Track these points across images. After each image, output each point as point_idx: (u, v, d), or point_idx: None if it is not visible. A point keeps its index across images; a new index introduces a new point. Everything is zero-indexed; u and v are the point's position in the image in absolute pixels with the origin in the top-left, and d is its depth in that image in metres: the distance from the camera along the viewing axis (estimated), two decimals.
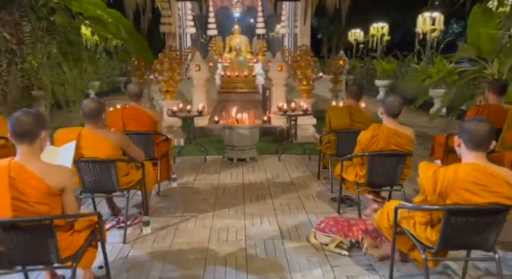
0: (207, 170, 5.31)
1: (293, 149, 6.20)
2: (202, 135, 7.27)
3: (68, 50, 5.69)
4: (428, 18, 11.21)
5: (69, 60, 5.70)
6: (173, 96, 6.88)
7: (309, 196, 4.29)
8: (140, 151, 3.34)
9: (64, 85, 5.74)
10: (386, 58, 14.78)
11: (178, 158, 5.86)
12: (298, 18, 11.85)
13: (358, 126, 4.22)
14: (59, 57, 5.58)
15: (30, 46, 5.37)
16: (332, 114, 4.31)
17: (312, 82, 7.09)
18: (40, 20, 5.35)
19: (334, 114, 4.29)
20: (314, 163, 5.57)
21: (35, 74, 5.54)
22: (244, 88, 11.64)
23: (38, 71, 5.47)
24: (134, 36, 7.22)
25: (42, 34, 5.42)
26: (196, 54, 7.40)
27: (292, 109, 5.85)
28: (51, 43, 5.52)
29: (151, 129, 4.18)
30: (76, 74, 5.80)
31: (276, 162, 5.69)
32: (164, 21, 10.01)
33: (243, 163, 5.62)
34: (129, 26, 7.15)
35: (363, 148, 3.21)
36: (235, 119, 5.75)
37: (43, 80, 5.47)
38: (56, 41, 5.59)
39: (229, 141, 5.65)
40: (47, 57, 5.55)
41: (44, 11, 5.37)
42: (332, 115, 4.29)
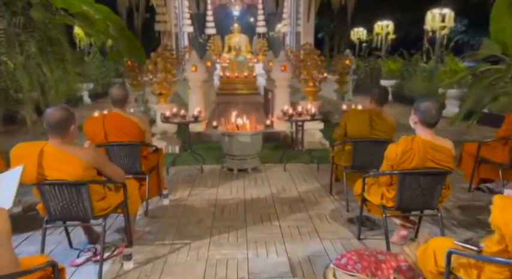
0: (204, 182, 4.73)
1: (299, 157, 5.62)
2: (199, 142, 6.69)
3: (49, 49, 5.10)
4: (437, 15, 10.63)
5: (49, 61, 5.11)
6: (167, 99, 6.29)
7: (321, 215, 3.70)
8: (119, 170, 2.75)
9: (44, 88, 5.15)
10: (392, 57, 14.21)
11: (172, 169, 5.28)
12: (300, 15, 11.30)
13: (378, 135, 3.65)
14: (38, 57, 4.99)
15: (4, 45, 4.78)
16: (351, 118, 3.73)
17: (318, 84, 6.50)
18: (15, 16, 4.77)
19: (353, 119, 3.71)
20: (324, 174, 5.00)
21: (12, 76, 4.95)
22: (244, 90, 11.07)
23: (15, 72, 4.87)
24: (125, 34, 6.63)
25: (18, 31, 4.83)
26: (193, 54, 6.82)
27: (299, 113, 5.27)
28: (29, 41, 4.93)
29: (137, 139, 3.60)
30: (58, 76, 5.20)
31: (281, 173, 5.11)
32: (159, 19, 9.45)
33: (244, 174, 5.03)
34: (118, 23, 6.55)
35: (392, 165, 2.62)
36: (235, 125, 5.17)
37: (20, 83, 4.88)
38: (35, 39, 4.99)
39: (228, 150, 5.06)
40: (25, 57, 4.96)
41: (19, 5, 4.79)
42: (350, 121, 3.71)
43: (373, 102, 3.75)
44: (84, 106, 12.59)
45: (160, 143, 6.21)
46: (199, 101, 6.77)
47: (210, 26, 13.87)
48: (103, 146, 3.55)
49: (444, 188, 2.68)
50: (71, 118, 2.44)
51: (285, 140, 6.76)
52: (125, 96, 3.56)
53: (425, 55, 12.17)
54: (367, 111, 3.74)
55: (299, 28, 11.72)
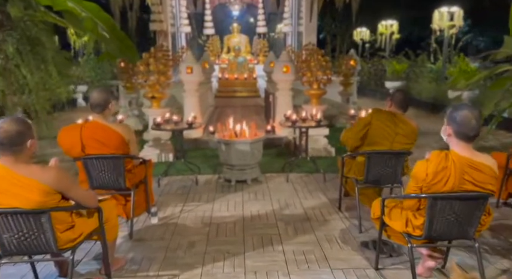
0: (198, 196, 4.27)
1: (303, 166, 5.16)
2: (195, 148, 6.24)
3: (28, 49, 4.66)
4: (446, 13, 10.18)
5: (30, 62, 4.66)
6: (160, 103, 5.83)
7: (330, 238, 3.23)
8: (90, 193, 2.29)
9: (24, 92, 4.71)
10: (397, 57, 13.75)
11: (164, 179, 4.82)
12: (302, 15, 10.85)
13: (401, 141, 3.22)
14: (17, 58, 4.55)
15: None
16: (375, 118, 3.27)
17: (323, 86, 6.04)
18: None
19: (377, 120, 3.25)
20: (331, 185, 4.54)
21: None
22: (244, 92, 10.63)
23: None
24: (115, 33, 6.18)
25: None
26: (188, 54, 6.37)
27: (303, 119, 4.81)
28: (6, 40, 4.49)
29: (120, 150, 3.14)
30: (39, 79, 4.76)
31: (284, 184, 4.65)
32: (154, 19, 9.00)
33: (243, 185, 4.58)
34: (109, 21, 6.08)
35: (420, 187, 2.16)
36: (233, 131, 4.71)
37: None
38: (13, 38, 4.55)
39: (226, 159, 4.61)
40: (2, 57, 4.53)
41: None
42: (375, 120, 3.25)
43: (394, 106, 3.30)
44: (78, 109, 12.17)
45: (153, 151, 5.77)
46: (195, 105, 6.32)
47: (208, 26, 13.44)
48: (80, 159, 3.10)
49: (484, 214, 2.22)
50: (26, 132, 1.98)
51: (288, 147, 6.30)
52: (105, 100, 3.10)
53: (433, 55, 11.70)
54: (392, 112, 3.30)
55: (301, 28, 11.27)
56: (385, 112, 3.31)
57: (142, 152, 5.78)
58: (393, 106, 3.35)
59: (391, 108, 3.37)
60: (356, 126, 3.38)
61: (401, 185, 3.38)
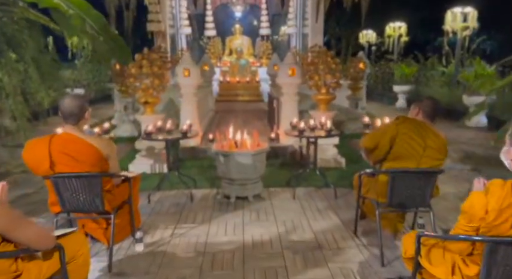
0: (193, 216, 3.76)
1: (311, 179, 4.64)
2: (192, 158, 5.74)
3: (5, 49, 4.18)
4: (459, 14, 9.66)
5: (7, 63, 4.19)
6: (154, 108, 5.34)
7: (347, 272, 2.71)
8: (42, 232, 1.78)
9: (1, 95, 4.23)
10: (405, 60, 13.23)
11: (156, 194, 4.32)
12: (308, 15, 10.36)
13: (429, 157, 2.70)
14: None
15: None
16: (402, 129, 2.76)
17: (332, 90, 5.53)
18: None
19: (404, 133, 2.74)
20: (343, 203, 4.03)
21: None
22: (246, 96, 10.15)
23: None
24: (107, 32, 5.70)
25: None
26: (185, 56, 5.88)
27: (311, 127, 4.29)
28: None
29: (96, 168, 2.65)
30: (18, 82, 4.28)
31: (290, 201, 4.13)
32: (152, 19, 8.53)
33: (243, 203, 4.06)
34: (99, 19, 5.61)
35: (477, 228, 1.64)
36: (233, 141, 4.20)
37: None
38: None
39: (225, 172, 4.10)
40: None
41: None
42: (402, 135, 2.74)
43: (422, 115, 2.80)
44: None
45: (145, 161, 5.27)
46: (193, 111, 5.82)
47: (209, 27, 12.98)
48: (49, 178, 2.60)
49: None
50: None
51: (293, 157, 5.79)
52: (80, 108, 2.61)
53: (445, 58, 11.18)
54: (420, 122, 2.80)
55: (306, 29, 10.78)
56: (413, 122, 2.80)
57: (135, 163, 5.30)
58: (421, 115, 2.85)
59: (418, 116, 2.86)
60: (378, 137, 2.86)
61: (431, 209, 2.86)
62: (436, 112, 2.84)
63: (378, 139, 2.85)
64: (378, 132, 2.92)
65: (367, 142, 2.98)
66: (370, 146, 2.93)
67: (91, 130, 2.85)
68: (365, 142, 3.00)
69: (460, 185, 4.58)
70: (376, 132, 2.93)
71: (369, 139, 2.98)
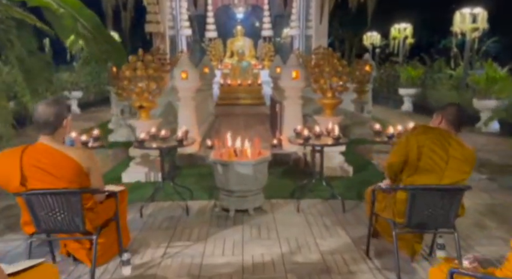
0: (188, 232, 3.43)
1: (316, 189, 4.31)
2: (189, 165, 5.43)
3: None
4: (468, 15, 9.33)
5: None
6: (149, 113, 5.02)
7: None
8: None
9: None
10: (411, 63, 12.89)
11: (149, 207, 4.00)
12: (311, 17, 10.06)
13: (454, 169, 2.38)
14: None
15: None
16: (423, 142, 2.42)
17: (338, 94, 5.20)
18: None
19: (425, 145, 2.41)
20: (352, 217, 3.70)
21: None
22: (247, 100, 9.84)
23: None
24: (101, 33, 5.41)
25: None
26: (183, 57, 5.58)
27: (317, 135, 3.97)
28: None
29: (75, 183, 2.33)
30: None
31: (294, 215, 3.80)
32: (150, 19, 8.25)
33: (243, 216, 3.74)
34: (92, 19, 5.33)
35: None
36: (232, 149, 3.88)
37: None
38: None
39: (223, 183, 3.78)
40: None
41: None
42: (423, 147, 2.41)
43: (445, 123, 2.47)
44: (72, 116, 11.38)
45: (140, 169, 4.96)
46: (191, 115, 5.52)
47: (210, 29, 12.69)
48: (21, 195, 2.29)
49: None
50: None
51: (297, 165, 5.47)
52: (57, 116, 2.29)
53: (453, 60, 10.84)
54: (443, 131, 2.47)
55: (309, 31, 10.48)
56: (435, 132, 2.47)
57: (128, 171, 4.98)
58: (444, 123, 2.52)
59: (441, 125, 2.53)
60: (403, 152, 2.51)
61: (455, 230, 2.52)
62: (461, 120, 2.51)
63: (404, 154, 2.47)
64: (400, 147, 2.52)
65: (391, 159, 2.58)
66: (398, 165, 2.53)
67: (72, 140, 2.54)
68: (389, 159, 2.60)
69: (478, 197, 4.24)
70: (399, 148, 2.54)
71: (394, 158, 2.55)
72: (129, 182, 4.86)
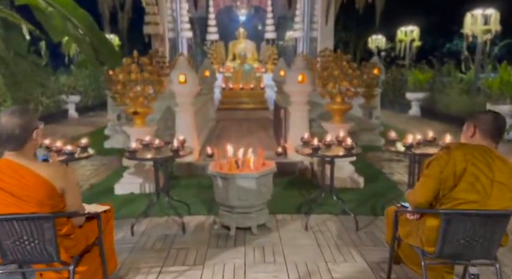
0: (184, 255, 3.06)
1: (326, 205, 3.92)
2: (188, 176, 5.08)
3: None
4: (480, 17, 8.96)
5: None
6: (144, 120, 4.67)
7: None
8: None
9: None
10: (419, 66, 12.51)
11: (142, 223, 3.64)
12: (316, 18, 9.71)
13: (497, 194, 2.00)
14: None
15: None
16: (462, 164, 2.03)
17: (347, 99, 4.84)
18: None
19: (466, 167, 2.02)
20: (366, 237, 3.33)
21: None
22: (250, 104, 9.50)
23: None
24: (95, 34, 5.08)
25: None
26: (180, 60, 5.23)
27: (327, 144, 3.60)
28: None
29: (45, 207, 1.97)
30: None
31: (302, 234, 3.42)
32: (149, 21, 7.91)
33: (245, 235, 3.37)
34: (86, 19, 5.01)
35: None
36: (233, 160, 3.51)
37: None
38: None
39: (223, 199, 3.41)
40: None
41: None
42: (461, 168, 2.02)
43: (480, 136, 2.09)
44: (70, 121, 11.10)
45: (134, 180, 4.59)
46: (190, 122, 5.16)
47: (212, 31, 12.36)
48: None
49: None
50: None
51: (303, 175, 5.10)
52: (23, 129, 1.93)
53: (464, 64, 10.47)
54: (481, 147, 2.08)
55: (314, 33, 10.12)
56: (474, 149, 2.08)
57: (122, 182, 4.62)
58: (479, 136, 2.13)
59: (474, 138, 2.14)
60: (429, 178, 2.12)
61: (496, 262, 2.14)
62: (500, 131, 2.12)
63: (435, 188, 2.09)
64: (430, 180, 2.10)
65: (420, 198, 2.16)
66: (428, 200, 2.14)
67: (46, 154, 2.18)
68: (418, 198, 2.17)
69: None
70: (428, 182, 2.11)
71: (423, 197, 2.14)
72: (122, 194, 4.51)
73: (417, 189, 2.21)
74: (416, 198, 2.17)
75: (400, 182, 4.98)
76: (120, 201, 4.30)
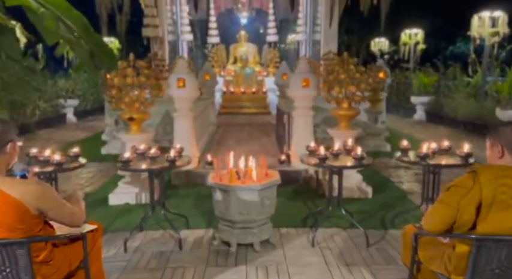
0: (180, 275, 2.81)
1: (334, 217, 3.68)
2: (187, 185, 4.84)
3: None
4: (487, 19, 8.74)
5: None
6: (141, 126, 4.44)
7: None
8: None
9: None
10: (423, 69, 12.27)
11: (137, 237, 3.39)
12: (319, 21, 9.50)
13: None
14: None
15: None
16: (489, 190, 1.76)
17: (354, 104, 4.59)
18: None
19: (495, 194, 1.76)
20: (379, 255, 3.08)
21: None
22: (251, 108, 9.28)
23: None
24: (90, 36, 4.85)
25: None
26: (179, 63, 5.00)
27: (335, 153, 3.36)
28: None
29: (17, 232, 1.72)
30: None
31: (308, 251, 3.17)
32: (148, 23, 7.71)
33: (247, 252, 3.12)
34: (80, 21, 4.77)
35: None
36: (234, 170, 3.26)
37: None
38: None
39: (223, 213, 3.16)
40: None
41: None
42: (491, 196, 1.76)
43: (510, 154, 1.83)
44: (68, 126, 10.88)
45: (130, 189, 4.35)
46: (188, 128, 4.92)
47: (213, 34, 12.15)
48: None
49: None
50: None
51: (307, 184, 4.85)
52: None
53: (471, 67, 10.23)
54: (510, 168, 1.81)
55: (317, 36, 9.91)
56: (503, 171, 1.82)
57: (116, 192, 4.37)
58: (509, 155, 1.85)
59: (503, 158, 1.86)
60: (445, 206, 1.86)
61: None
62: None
63: (449, 217, 1.84)
64: (446, 201, 1.86)
65: (431, 226, 1.92)
66: (440, 230, 1.90)
67: (25, 168, 1.94)
68: (428, 226, 1.94)
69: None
70: (444, 207, 1.86)
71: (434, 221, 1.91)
72: (117, 205, 4.27)
73: (430, 216, 1.96)
74: (427, 225, 1.93)
75: (409, 192, 4.73)
76: (115, 212, 4.06)
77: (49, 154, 3.22)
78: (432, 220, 1.93)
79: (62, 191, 4.27)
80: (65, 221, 1.92)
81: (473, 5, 10.13)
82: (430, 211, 2.01)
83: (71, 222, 1.95)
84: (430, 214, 1.98)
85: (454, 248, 1.89)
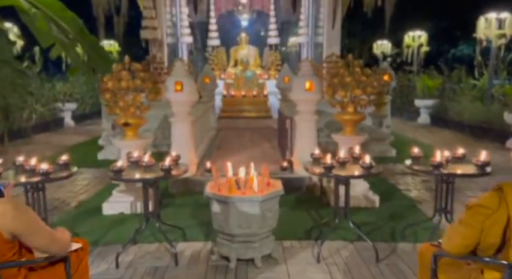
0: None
1: (340, 229, 3.45)
2: (185, 193, 4.63)
3: None
4: (494, 21, 8.54)
5: None
6: (137, 131, 4.23)
7: None
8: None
9: None
10: (427, 72, 12.07)
11: (130, 251, 3.18)
12: (321, 23, 9.30)
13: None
14: None
15: None
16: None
17: (360, 109, 4.38)
18: None
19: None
20: (390, 271, 2.88)
21: None
22: (252, 112, 9.08)
23: None
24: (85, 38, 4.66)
25: None
26: (177, 66, 4.80)
27: (341, 162, 3.14)
28: None
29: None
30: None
31: (314, 267, 2.96)
32: (146, 25, 7.53)
33: (247, 269, 2.91)
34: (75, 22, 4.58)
35: None
36: (234, 180, 3.05)
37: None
38: None
39: (222, 226, 2.95)
40: None
41: None
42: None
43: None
44: (66, 130, 10.69)
45: (125, 198, 4.14)
46: (186, 134, 4.71)
47: (213, 36, 11.97)
48: None
49: None
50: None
51: (312, 192, 4.64)
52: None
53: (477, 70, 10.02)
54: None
55: (319, 38, 9.71)
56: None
57: (110, 201, 4.16)
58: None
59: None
60: (468, 228, 1.65)
61: None
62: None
63: (472, 239, 1.65)
64: (469, 223, 1.66)
65: (452, 248, 1.72)
66: (461, 253, 1.71)
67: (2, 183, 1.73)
68: (449, 248, 1.73)
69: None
70: (465, 229, 1.67)
71: (455, 244, 1.71)
72: (111, 215, 4.06)
73: (450, 237, 1.74)
74: (447, 248, 1.73)
75: (418, 201, 4.51)
76: (108, 223, 3.85)
77: (36, 162, 3.02)
78: (453, 242, 1.72)
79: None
80: (43, 248, 1.70)
81: (477, 7, 9.96)
82: (449, 231, 1.80)
83: (51, 250, 1.73)
84: (449, 234, 1.77)
85: (482, 272, 1.67)
